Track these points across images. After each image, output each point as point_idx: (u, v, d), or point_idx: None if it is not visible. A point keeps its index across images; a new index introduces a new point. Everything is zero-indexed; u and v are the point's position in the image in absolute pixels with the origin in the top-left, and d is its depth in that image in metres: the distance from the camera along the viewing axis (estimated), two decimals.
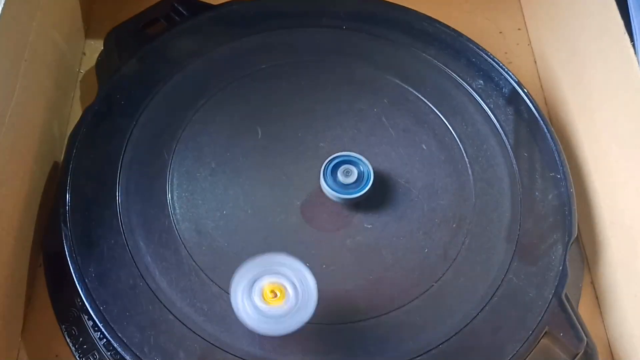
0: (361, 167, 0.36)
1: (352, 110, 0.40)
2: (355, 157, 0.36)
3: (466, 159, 0.39)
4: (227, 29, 0.43)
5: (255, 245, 0.35)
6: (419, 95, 0.41)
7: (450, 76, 0.42)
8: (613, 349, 0.39)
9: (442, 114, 0.40)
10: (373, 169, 0.36)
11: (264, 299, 0.29)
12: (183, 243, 0.35)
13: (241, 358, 0.32)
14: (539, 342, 0.34)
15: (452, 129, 0.40)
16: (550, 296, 0.35)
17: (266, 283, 0.29)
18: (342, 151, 0.36)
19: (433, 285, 0.35)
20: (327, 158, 0.36)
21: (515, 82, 0.42)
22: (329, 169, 0.36)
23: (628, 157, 0.37)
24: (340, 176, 0.36)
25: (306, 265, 0.35)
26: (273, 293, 0.29)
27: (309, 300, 0.29)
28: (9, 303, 0.35)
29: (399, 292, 0.35)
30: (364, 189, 0.36)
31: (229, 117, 0.39)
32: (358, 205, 0.37)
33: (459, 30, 0.44)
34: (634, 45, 0.37)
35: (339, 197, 0.36)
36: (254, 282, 0.29)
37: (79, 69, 0.48)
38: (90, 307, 0.33)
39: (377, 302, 0.34)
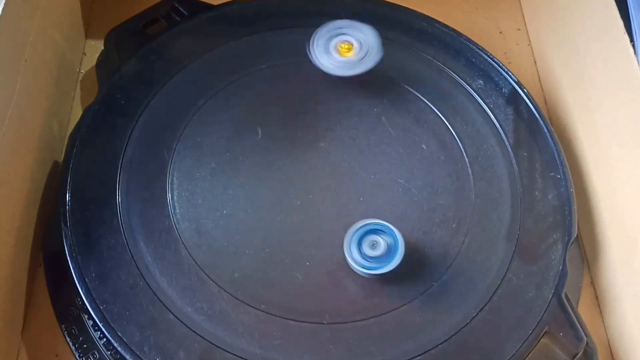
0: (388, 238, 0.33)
1: (352, 110, 0.40)
2: (383, 225, 0.33)
3: (466, 159, 0.39)
4: (227, 29, 0.43)
5: (255, 245, 0.35)
6: (419, 95, 0.41)
7: (450, 76, 0.42)
8: (613, 349, 0.39)
9: (442, 114, 0.40)
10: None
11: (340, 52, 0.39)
12: (183, 243, 0.35)
13: (241, 358, 0.32)
14: (538, 341, 0.34)
15: (452, 128, 0.40)
16: (550, 296, 0.35)
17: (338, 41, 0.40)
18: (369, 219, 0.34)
19: (433, 285, 0.35)
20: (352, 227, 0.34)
21: (515, 82, 0.42)
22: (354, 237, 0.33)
23: (628, 157, 0.37)
24: (365, 248, 0.33)
25: (307, 264, 0.35)
26: (346, 47, 0.40)
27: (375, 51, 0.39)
28: (9, 303, 0.35)
29: (399, 291, 0.35)
30: (391, 261, 0.33)
31: (229, 117, 0.39)
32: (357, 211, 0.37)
33: (459, 30, 0.44)
34: (634, 45, 0.37)
35: (365, 272, 0.34)
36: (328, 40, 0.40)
37: (79, 69, 0.48)
38: (90, 306, 0.33)
39: (377, 301, 0.34)
